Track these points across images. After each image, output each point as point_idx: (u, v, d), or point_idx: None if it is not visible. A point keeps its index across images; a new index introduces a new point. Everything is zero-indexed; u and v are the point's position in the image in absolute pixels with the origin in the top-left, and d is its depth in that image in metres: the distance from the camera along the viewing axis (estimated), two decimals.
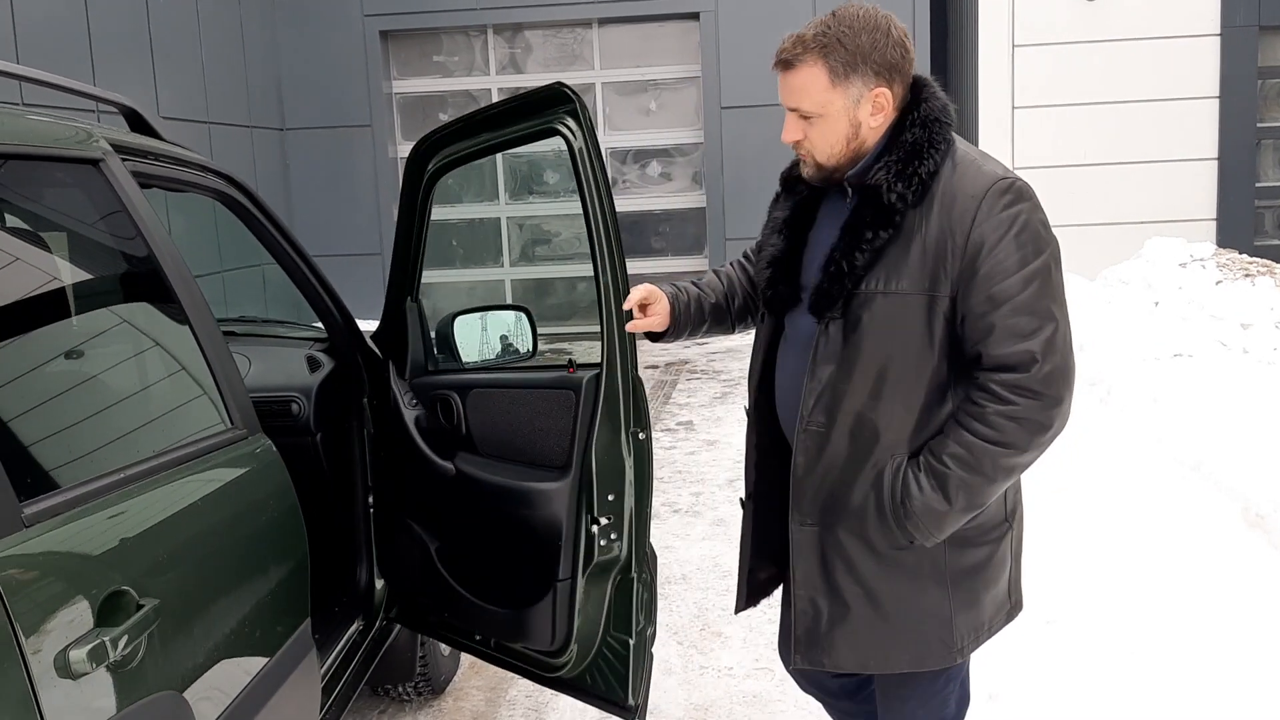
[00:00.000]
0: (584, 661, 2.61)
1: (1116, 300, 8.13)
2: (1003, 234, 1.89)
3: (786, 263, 2.10)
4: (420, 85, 11.32)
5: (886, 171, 1.93)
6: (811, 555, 2.08)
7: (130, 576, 1.70)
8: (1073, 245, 11.63)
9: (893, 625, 2.06)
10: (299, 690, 2.29)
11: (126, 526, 1.77)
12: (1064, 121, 10.86)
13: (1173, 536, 4.32)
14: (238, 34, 9.98)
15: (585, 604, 2.54)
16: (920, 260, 1.91)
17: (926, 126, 1.95)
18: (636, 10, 10.69)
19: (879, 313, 1.94)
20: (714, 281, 2.41)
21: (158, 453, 1.98)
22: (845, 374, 1.97)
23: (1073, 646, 3.53)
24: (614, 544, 2.49)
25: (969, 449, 1.92)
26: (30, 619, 1.46)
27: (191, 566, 1.91)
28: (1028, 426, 1.91)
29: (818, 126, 1.97)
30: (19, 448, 1.69)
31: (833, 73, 1.92)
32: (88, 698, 1.55)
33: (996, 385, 1.91)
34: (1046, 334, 1.90)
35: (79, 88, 2.27)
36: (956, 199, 1.91)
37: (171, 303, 2.14)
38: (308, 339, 3.42)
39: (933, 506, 1.95)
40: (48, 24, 7.22)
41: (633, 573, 2.53)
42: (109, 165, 2.07)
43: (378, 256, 10.89)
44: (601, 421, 2.44)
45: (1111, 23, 10.72)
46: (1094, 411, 5.93)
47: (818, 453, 2.02)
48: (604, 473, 2.45)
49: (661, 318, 2.31)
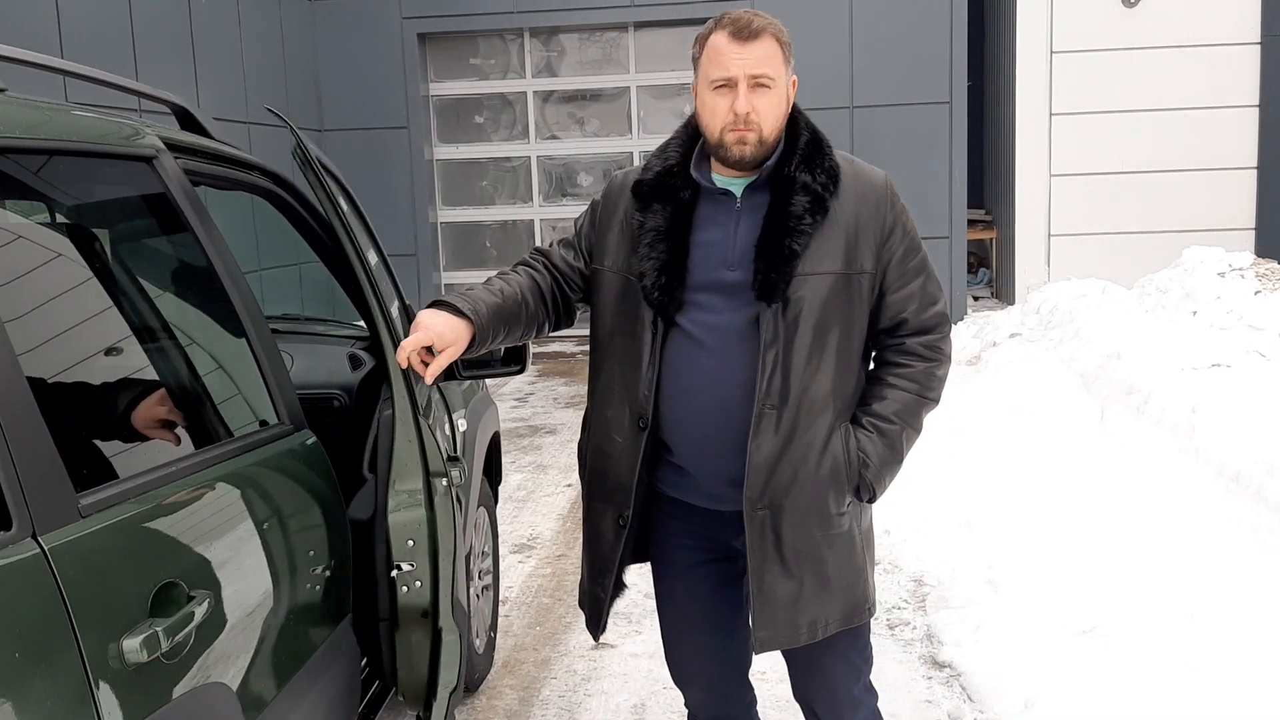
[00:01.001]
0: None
1: (1154, 309, 8.06)
2: (905, 219, 2.19)
3: (676, 266, 2.12)
4: (457, 88, 11.38)
5: (803, 166, 2.11)
6: (767, 539, 2.15)
7: (181, 569, 1.72)
8: (1109, 253, 11.54)
9: (833, 590, 2.21)
10: (340, 685, 2.32)
11: (178, 519, 1.80)
12: (1102, 129, 10.78)
13: (1210, 548, 4.27)
14: (278, 36, 10.07)
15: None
16: (842, 243, 2.12)
17: (810, 130, 2.16)
18: (673, 14, 10.70)
19: (811, 293, 2.09)
20: (520, 282, 2.25)
21: (209, 446, 2.01)
22: (789, 354, 2.09)
23: (1107, 655, 3.51)
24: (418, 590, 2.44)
25: (906, 405, 2.21)
26: (86, 608, 1.48)
27: (240, 560, 1.93)
28: (941, 380, 2.25)
29: (769, 99, 2.07)
30: (75, 440, 1.72)
31: (784, 50, 2.09)
32: (139, 687, 1.57)
33: (920, 346, 2.21)
34: (944, 298, 2.26)
35: (134, 86, 2.30)
36: (866, 190, 2.16)
37: (223, 299, 2.17)
38: (349, 337, 3.45)
39: (889, 461, 2.21)
40: (92, 24, 7.32)
41: (440, 624, 2.47)
42: (162, 163, 2.10)
43: (412, 257, 10.96)
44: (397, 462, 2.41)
45: (1151, 30, 10.63)
46: (1130, 421, 5.88)
47: (774, 433, 2.10)
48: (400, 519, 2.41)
49: (456, 347, 2.06)
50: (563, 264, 2.30)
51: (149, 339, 2.10)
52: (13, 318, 1.57)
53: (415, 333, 2.03)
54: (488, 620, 3.73)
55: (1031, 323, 8.94)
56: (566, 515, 5.52)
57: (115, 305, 2.07)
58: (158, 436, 1.92)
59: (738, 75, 2.04)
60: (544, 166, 11.48)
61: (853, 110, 10.45)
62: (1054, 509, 4.82)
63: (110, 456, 1.85)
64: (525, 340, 2.32)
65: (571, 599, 4.39)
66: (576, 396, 8.41)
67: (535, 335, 2.30)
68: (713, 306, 2.13)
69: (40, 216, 2.06)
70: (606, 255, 2.23)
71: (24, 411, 1.48)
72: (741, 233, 2.12)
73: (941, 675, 3.64)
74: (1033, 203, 11.07)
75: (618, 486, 2.23)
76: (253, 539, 1.99)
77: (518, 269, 2.31)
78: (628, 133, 11.28)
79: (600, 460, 2.27)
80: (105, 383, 1.92)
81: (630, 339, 2.17)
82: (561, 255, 2.31)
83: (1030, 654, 3.59)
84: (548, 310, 2.28)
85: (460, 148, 11.47)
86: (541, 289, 2.27)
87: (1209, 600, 3.81)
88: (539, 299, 2.26)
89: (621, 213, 2.22)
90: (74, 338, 1.88)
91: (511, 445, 6.83)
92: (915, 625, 4.02)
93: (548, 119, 11.43)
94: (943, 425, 2.31)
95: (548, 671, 3.77)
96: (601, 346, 2.26)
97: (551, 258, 2.31)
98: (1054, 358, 7.55)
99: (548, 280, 2.29)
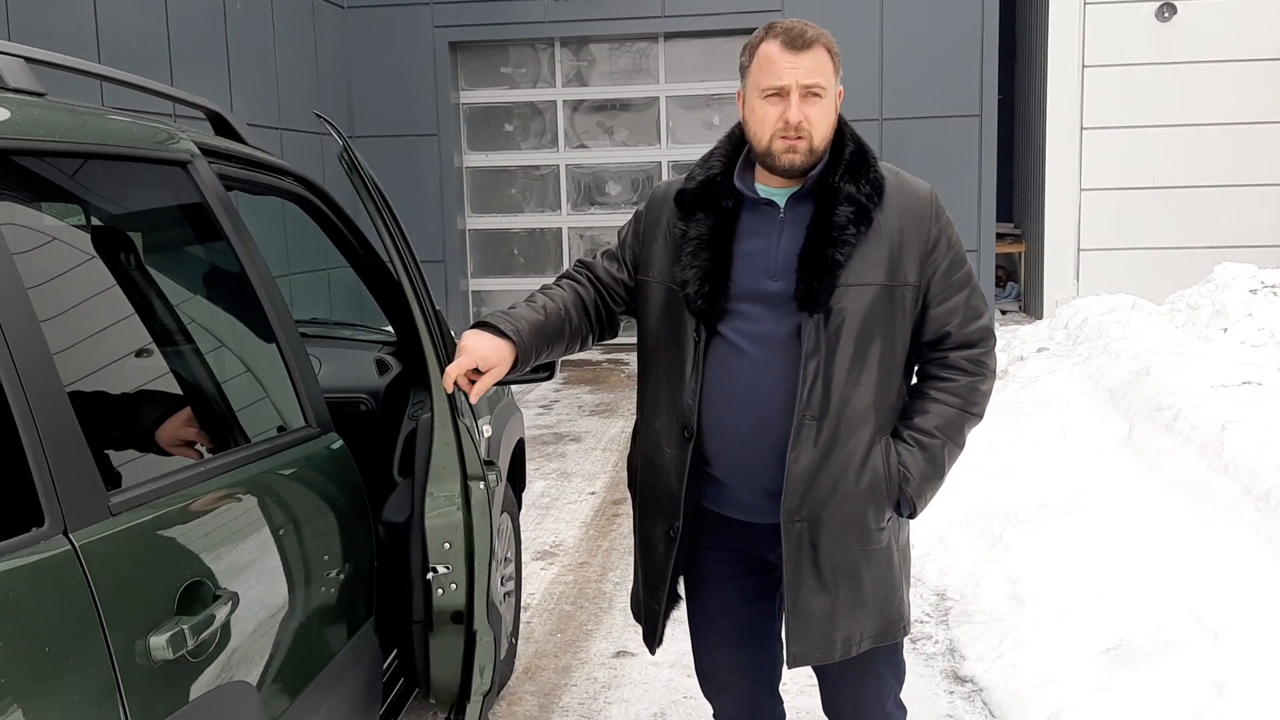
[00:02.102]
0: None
1: (1184, 325, 7.99)
2: (950, 232, 2.18)
3: (719, 275, 2.13)
4: (487, 96, 11.44)
5: (847, 177, 2.10)
6: (803, 551, 2.14)
7: (207, 568, 1.75)
8: (1140, 268, 11.44)
9: (868, 606, 2.20)
10: (362, 687, 2.33)
11: (206, 519, 1.82)
12: (1133, 143, 10.70)
13: (1238, 566, 4.23)
14: (311, 43, 10.16)
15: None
16: (885, 254, 2.10)
17: (855, 141, 2.16)
18: (703, 25, 10.72)
19: (853, 304, 2.09)
20: (563, 297, 2.27)
21: (237, 447, 2.03)
22: (830, 364, 2.09)
23: (1132, 673, 3.47)
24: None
25: (949, 420, 2.18)
26: (114, 605, 1.50)
27: (265, 561, 1.95)
28: (985, 394, 2.23)
29: (819, 109, 2.07)
30: (107, 438, 1.75)
31: (835, 61, 2.09)
32: (164, 684, 1.59)
33: (964, 360, 2.19)
34: (990, 312, 2.24)
35: (169, 91, 2.34)
36: (911, 201, 2.14)
37: (254, 303, 2.19)
38: (376, 341, 3.48)
39: (931, 477, 2.18)
40: (129, 31, 7.41)
41: (475, 626, 2.48)
42: (196, 167, 2.12)
43: (440, 264, 11.02)
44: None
45: (1184, 44, 10.55)
46: (1159, 437, 5.83)
47: (813, 445, 2.09)
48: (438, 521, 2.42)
49: (500, 368, 2.11)
50: (606, 276, 2.31)
51: (181, 341, 2.13)
52: (49, 317, 1.60)
53: (460, 357, 2.08)
54: (509, 627, 3.74)
55: (1060, 337, 8.88)
56: (589, 523, 5.52)
57: (148, 307, 2.09)
58: (181, 454, 1.93)
59: (790, 84, 2.03)
60: (573, 175, 11.52)
61: (882, 122, 10.43)
62: (1080, 524, 4.78)
63: (140, 455, 1.87)
64: (569, 354, 2.33)
65: (594, 606, 4.40)
66: (601, 404, 8.42)
67: (579, 349, 2.32)
68: (755, 316, 2.13)
69: (76, 219, 2.09)
70: (651, 266, 2.24)
71: (58, 410, 1.51)
72: (784, 243, 2.12)
73: (963, 690, 3.62)
74: (1063, 217, 11.00)
75: (667, 498, 2.23)
76: (278, 540, 2.01)
77: (561, 283, 2.31)
78: (656, 142, 11.30)
79: (650, 472, 2.28)
80: (131, 391, 1.95)
81: (675, 348, 2.18)
82: (605, 267, 2.32)
83: (1054, 670, 3.57)
84: (590, 323, 2.30)
85: (490, 155, 11.53)
86: (585, 302, 2.28)
87: (1236, 619, 3.77)
88: (582, 313, 2.27)
89: (665, 222, 2.23)
90: (108, 338, 1.91)
91: (536, 452, 6.85)
92: (937, 639, 4.00)
93: (577, 128, 11.47)
94: (968, 438, 2.29)
95: (568, 678, 3.78)
96: (648, 357, 2.27)
97: (595, 270, 2.32)
98: (1082, 373, 7.50)
99: (591, 294, 2.30)
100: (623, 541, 5.14)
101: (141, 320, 2.04)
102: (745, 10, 10.46)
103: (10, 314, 1.48)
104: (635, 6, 10.75)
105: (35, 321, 1.52)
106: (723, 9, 10.56)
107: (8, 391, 1.44)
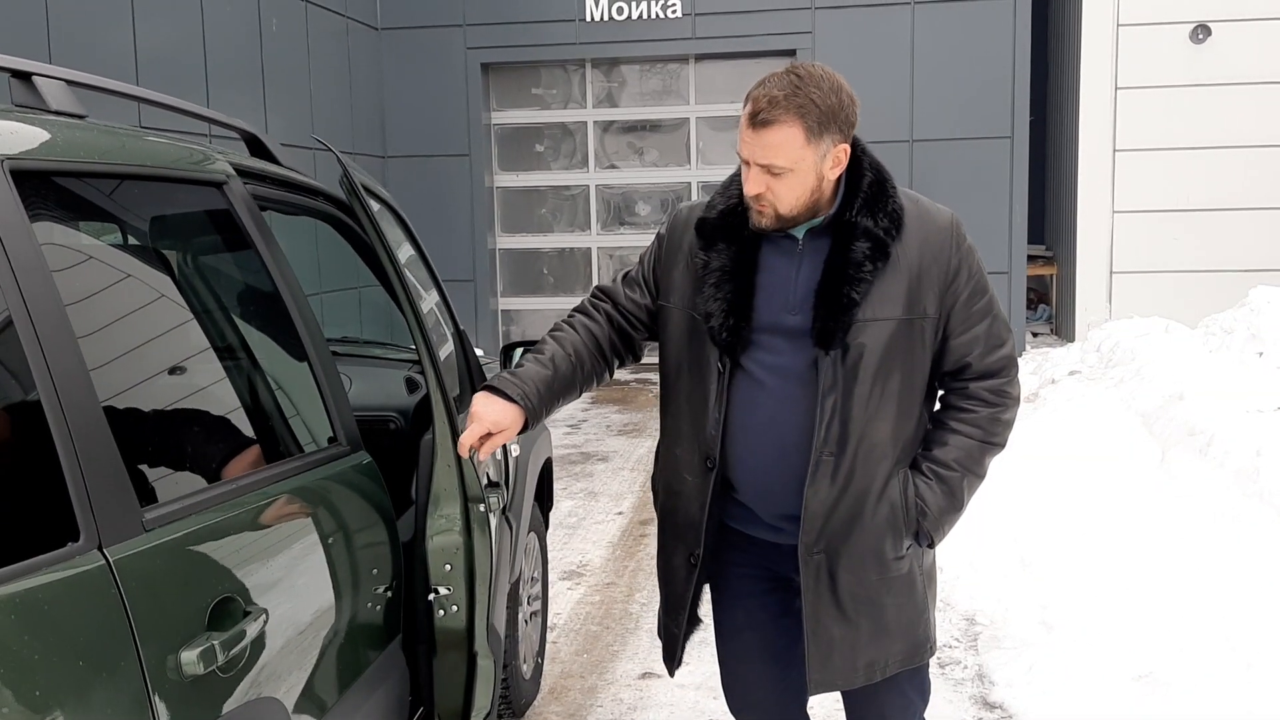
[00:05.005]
0: None
1: (1218, 349, 7.91)
2: (971, 260, 2.14)
3: (742, 306, 2.12)
4: (518, 116, 11.52)
5: (865, 210, 2.07)
6: (822, 582, 2.15)
7: (239, 583, 1.76)
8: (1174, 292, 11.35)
9: (891, 632, 2.19)
10: (388, 705, 2.34)
11: (237, 535, 1.84)
12: (1167, 165, 10.63)
13: (1273, 594, 4.17)
14: (345, 65, 10.28)
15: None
16: (904, 287, 2.08)
17: (875, 170, 2.12)
18: (733, 47, 10.77)
19: (871, 340, 2.07)
20: (575, 341, 2.26)
21: (269, 464, 2.05)
22: (848, 400, 2.07)
23: (1164, 701, 3.43)
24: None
25: (968, 452, 2.16)
26: (147, 619, 1.52)
27: (295, 577, 1.97)
28: (1007, 424, 2.20)
29: (785, 181, 2.02)
30: (141, 455, 1.77)
31: (809, 131, 1.99)
32: (194, 699, 1.60)
33: (985, 391, 2.17)
34: (1012, 341, 2.20)
35: (205, 113, 2.38)
36: (931, 231, 2.11)
37: (287, 321, 2.22)
38: (406, 360, 3.50)
39: (948, 510, 2.17)
40: (167, 54, 7.52)
41: (475, 648, 2.47)
42: (231, 187, 2.16)
43: (470, 283, 11.09)
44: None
45: (1219, 66, 10.49)
46: (1192, 462, 5.77)
47: (830, 481, 2.09)
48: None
49: (510, 430, 2.14)
50: (628, 303, 2.32)
51: (215, 358, 2.15)
52: (86, 334, 1.62)
53: (471, 424, 2.12)
54: (535, 646, 3.74)
55: (1092, 360, 8.81)
56: (616, 543, 5.52)
57: (183, 325, 2.12)
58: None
59: (749, 159, 2.04)
60: (603, 195, 11.57)
61: (912, 144, 10.41)
62: (1111, 550, 4.73)
63: (174, 473, 1.89)
64: (586, 393, 2.35)
65: (620, 627, 4.40)
66: (629, 424, 8.43)
67: (596, 388, 2.34)
68: (775, 348, 2.13)
69: (113, 238, 2.13)
70: (673, 291, 2.24)
71: (94, 426, 1.53)
72: (803, 276, 2.11)
73: (992, 716, 3.59)
74: (1095, 239, 10.93)
75: (688, 524, 2.24)
76: (308, 557, 2.03)
77: (575, 320, 2.31)
78: (686, 163, 11.33)
79: (671, 498, 2.28)
80: (199, 422, 1.97)
81: (697, 378, 2.18)
82: (626, 294, 2.32)
83: (1084, 697, 3.53)
84: (606, 360, 2.31)
85: (520, 175, 11.60)
86: (599, 340, 2.29)
87: (1271, 648, 3.72)
88: (596, 354, 2.28)
89: (686, 249, 2.22)
90: (144, 356, 1.94)
91: (563, 472, 6.86)
92: (966, 665, 3.97)
93: (607, 148, 11.53)
94: (998, 462, 2.27)
95: (594, 699, 3.77)
96: (670, 382, 2.27)
97: (616, 297, 2.32)
98: (1114, 397, 7.43)
99: (605, 330, 2.30)
100: (649, 562, 5.14)
101: (176, 338, 2.07)
102: (775, 32, 10.52)
103: (49, 332, 1.50)
104: (666, 29, 10.81)
105: (74, 339, 1.54)
106: (753, 30, 10.61)
107: (46, 408, 1.46)
